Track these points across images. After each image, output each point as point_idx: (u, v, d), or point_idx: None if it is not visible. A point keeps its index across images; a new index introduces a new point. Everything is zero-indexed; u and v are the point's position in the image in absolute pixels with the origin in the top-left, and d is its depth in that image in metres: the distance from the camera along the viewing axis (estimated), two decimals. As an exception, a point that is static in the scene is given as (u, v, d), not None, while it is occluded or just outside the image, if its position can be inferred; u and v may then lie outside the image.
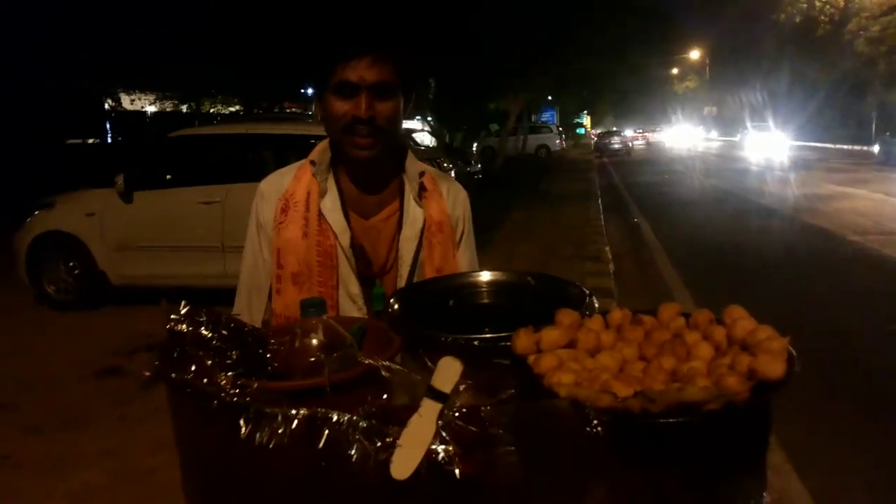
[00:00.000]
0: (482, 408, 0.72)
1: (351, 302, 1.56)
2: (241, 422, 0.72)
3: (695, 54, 53.70)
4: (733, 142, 43.89)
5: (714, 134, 59.84)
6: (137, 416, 4.23)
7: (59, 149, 17.32)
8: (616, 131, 51.26)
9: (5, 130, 15.10)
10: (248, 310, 1.62)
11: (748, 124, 36.15)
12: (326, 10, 11.06)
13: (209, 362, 0.86)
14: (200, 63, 14.93)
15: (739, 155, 32.52)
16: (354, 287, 1.55)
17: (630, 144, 45.48)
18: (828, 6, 23.92)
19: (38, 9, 13.16)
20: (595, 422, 0.75)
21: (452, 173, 10.88)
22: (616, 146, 43.64)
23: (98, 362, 5.30)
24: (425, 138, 19.16)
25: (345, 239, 1.54)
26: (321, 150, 1.60)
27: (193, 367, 0.82)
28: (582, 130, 62.71)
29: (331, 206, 1.55)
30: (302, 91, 20.08)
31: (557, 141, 38.59)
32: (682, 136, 60.64)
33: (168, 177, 6.99)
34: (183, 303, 0.93)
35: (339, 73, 1.43)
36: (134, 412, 4.31)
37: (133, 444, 3.90)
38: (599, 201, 15.38)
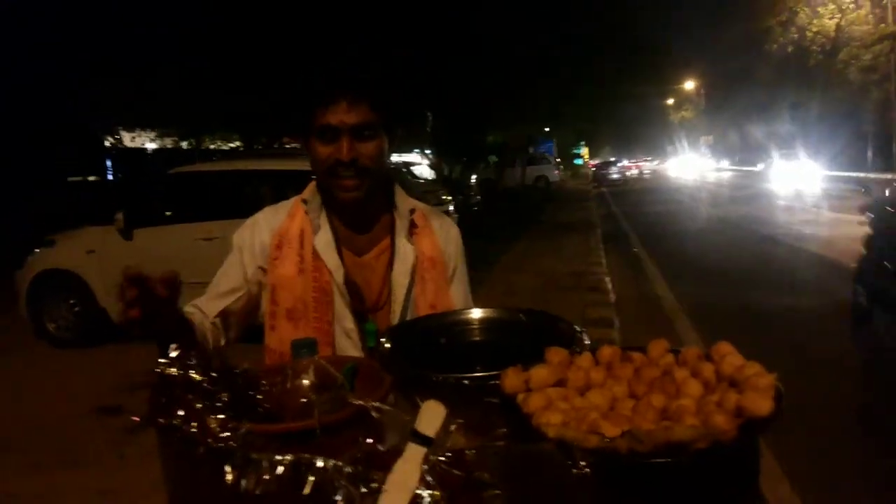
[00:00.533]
0: (467, 451, 0.72)
1: (346, 337, 1.57)
2: (228, 468, 0.72)
3: (689, 84, 54.23)
4: (751, 172, 41.78)
5: (725, 163, 57.26)
6: (135, 456, 4.19)
7: (60, 186, 17.42)
8: (614, 161, 51.56)
9: (7, 168, 15.21)
10: (202, 306, 1.67)
11: (773, 153, 34.09)
12: (303, 57, 11.20)
13: (199, 406, 0.86)
14: (200, 100, 15.08)
15: (767, 188, 28.54)
16: (349, 322, 1.56)
17: (626, 175, 45.71)
18: (819, 36, 24.21)
19: (40, 42, 13.31)
20: (583, 463, 0.75)
21: (451, 206, 10.94)
22: (614, 176, 43.86)
23: (97, 400, 5.27)
24: (424, 171, 19.27)
25: (339, 275, 1.55)
26: (312, 190, 1.62)
27: (182, 412, 0.82)
28: (580, 161, 63.01)
29: (324, 243, 1.57)
30: (301, 126, 20.21)
31: (556, 172, 38.75)
32: (686, 165, 60.24)
33: (168, 213, 7.03)
34: (173, 346, 0.94)
35: (319, 118, 1.46)
36: (132, 451, 4.26)
37: (130, 483, 3.85)
38: (599, 231, 15.41)
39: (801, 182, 27.86)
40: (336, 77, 1.50)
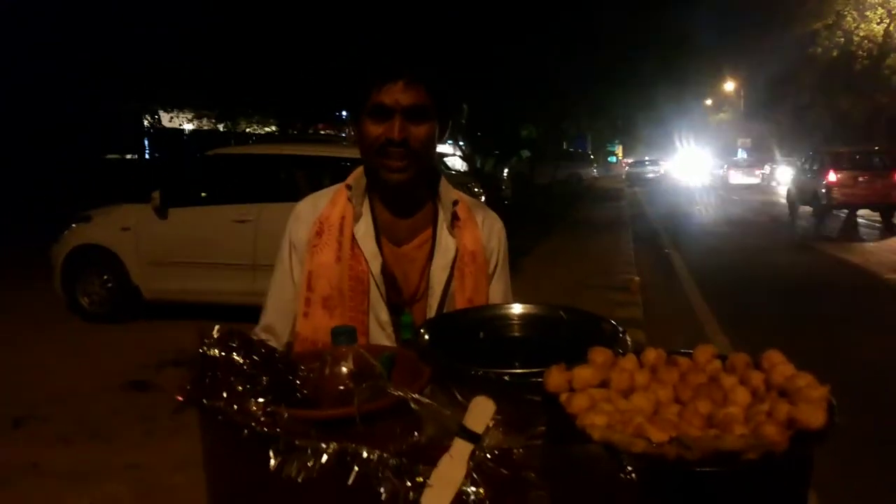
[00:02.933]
0: (514, 450, 0.71)
1: (380, 329, 1.55)
2: (271, 453, 0.71)
3: (729, 86, 53.37)
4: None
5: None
6: (163, 432, 4.25)
7: (98, 163, 17.71)
8: (648, 160, 50.97)
9: (48, 146, 15.49)
10: (273, 330, 1.62)
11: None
12: (362, 36, 11.23)
13: (240, 388, 0.86)
14: (237, 83, 15.22)
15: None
16: (384, 314, 1.55)
17: (660, 174, 45.16)
18: (866, 41, 23.64)
19: (82, 23, 13.51)
20: (629, 468, 0.73)
21: (482, 199, 10.90)
22: (648, 175, 43.38)
23: (127, 376, 5.35)
24: (457, 163, 19.22)
25: (376, 265, 1.54)
26: (357, 176, 1.60)
27: (225, 394, 0.82)
28: (614, 159, 62.48)
29: (364, 231, 1.55)
30: (336, 113, 20.34)
31: (592, 169, 38.49)
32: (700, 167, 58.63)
33: (203, 194, 7.10)
34: (216, 327, 0.93)
35: (374, 97, 1.45)
36: (159, 427, 4.34)
37: (157, 459, 3.92)
38: (629, 230, 15.27)
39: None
40: (396, 57, 1.49)
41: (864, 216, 16.83)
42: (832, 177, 15.98)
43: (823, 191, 16.17)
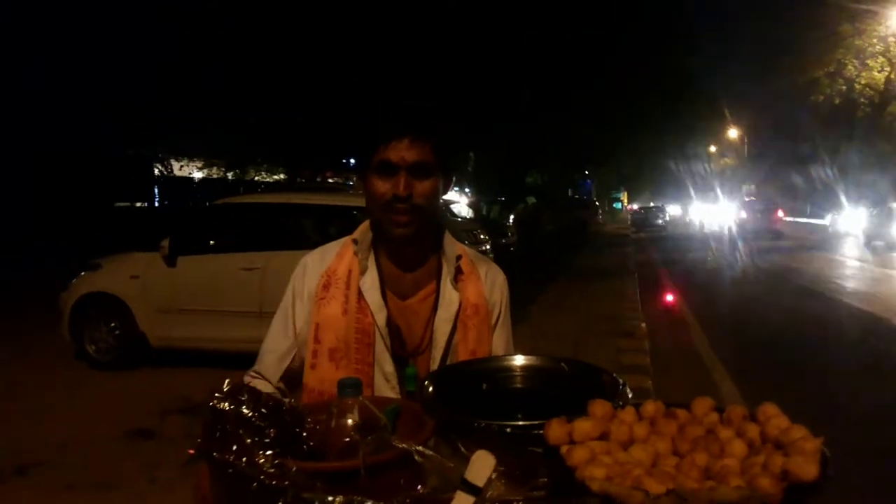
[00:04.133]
0: (515, 502, 0.73)
1: (385, 381, 1.57)
2: (279, 505, 0.74)
3: (733, 133, 53.87)
4: (793, 222, 40.37)
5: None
6: (167, 480, 4.23)
7: (108, 211, 17.90)
8: (653, 207, 51.14)
9: (58, 194, 15.69)
10: (264, 375, 1.63)
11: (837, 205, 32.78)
12: (369, 94, 11.44)
13: (248, 441, 0.88)
14: (247, 133, 15.45)
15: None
16: (389, 366, 1.57)
17: (665, 220, 45.20)
18: (867, 88, 23.95)
19: (95, 70, 13.77)
20: (626, 520, 0.75)
21: (488, 246, 10.96)
22: (654, 221, 43.49)
23: (132, 423, 5.33)
24: (462, 209, 19.37)
25: (381, 318, 1.56)
26: (363, 230, 1.64)
27: (234, 447, 0.84)
28: (619, 205, 62.76)
29: (370, 284, 1.58)
30: (343, 161, 20.58)
31: (598, 214, 38.64)
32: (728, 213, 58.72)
33: (211, 242, 7.17)
34: (227, 381, 0.96)
35: (380, 154, 1.50)
36: (164, 475, 4.32)
37: (161, 508, 3.90)
38: (636, 276, 15.27)
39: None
40: (402, 116, 1.54)
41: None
42: None
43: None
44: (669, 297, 12.63)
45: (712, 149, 59.58)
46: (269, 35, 12.81)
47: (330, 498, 0.73)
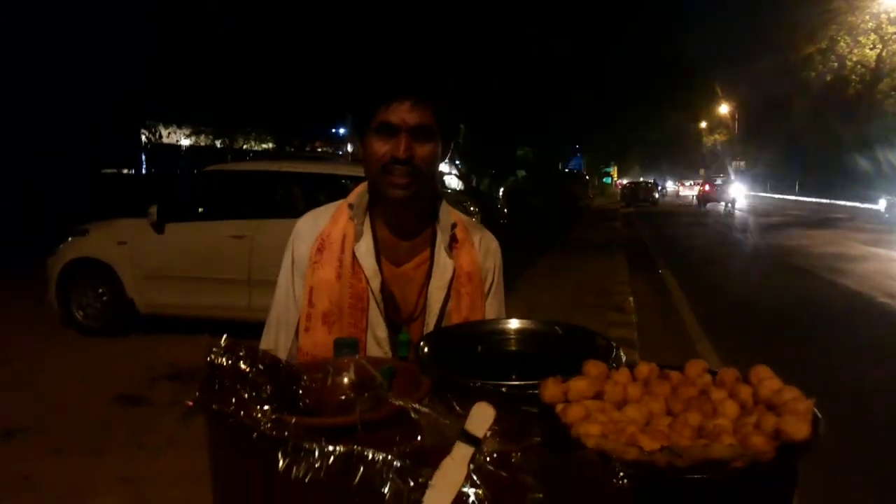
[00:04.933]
0: (513, 454, 0.74)
1: (377, 346, 1.58)
2: (279, 455, 0.74)
3: (724, 109, 53.86)
4: (782, 200, 40.49)
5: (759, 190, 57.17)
6: (155, 446, 4.25)
7: (95, 177, 17.73)
8: (643, 182, 51.23)
9: (45, 159, 15.51)
10: (276, 345, 1.64)
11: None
12: (371, 56, 11.34)
13: (246, 395, 0.89)
14: (236, 100, 15.30)
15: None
16: (382, 332, 1.58)
17: (655, 196, 45.29)
18: (859, 66, 23.97)
19: (85, 37, 13.58)
20: (621, 474, 0.76)
21: (478, 218, 10.96)
22: (644, 196, 43.60)
23: (120, 389, 5.35)
24: (452, 182, 19.32)
25: (375, 283, 1.57)
26: (359, 194, 1.64)
27: (233, 401, 0.85)
28: (609, 180, 62.80)
29: (364, 250, 1.58)
30: (333, 131, 20.45)
31: (584, 189, 38.67)
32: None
33: (199, 210, 7.13)
34: (224, 336, 0.96)
35: (380, 116, 1.49)
36: (152, 441, 4.33)
37: (151, 473, 3.91)
38: (624, 251, 15.33)
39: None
40: (405, 78, 1.53)
41: None
42: None
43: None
44: (659, 271, 12.73)
45: (703, 124, 59.58)
46: (260, 1, 12.65)
47: (330, 448, 0.73)
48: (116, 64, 13.98)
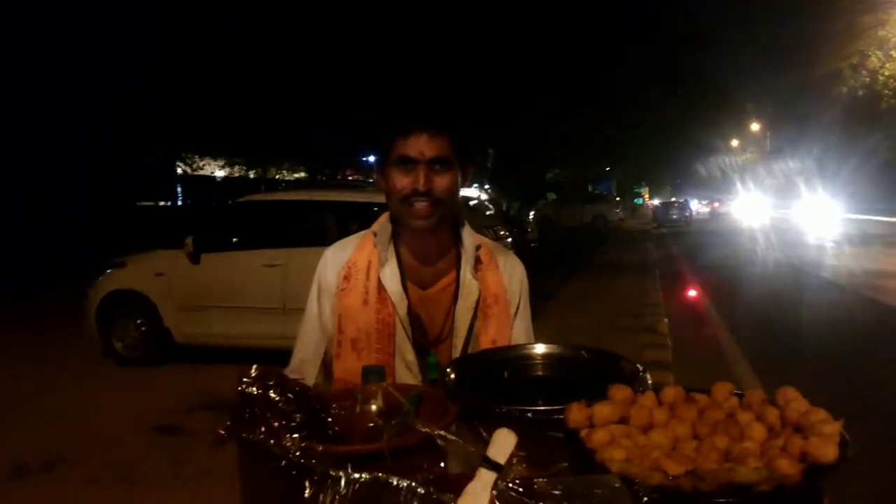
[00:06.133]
0: (535, 480, 0.74)
1: (406, 370, 1.60)
2: (307, 483, 0.76)
3: (755, 126, 53.34)
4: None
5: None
6: (192, 475, 4.29)
7: (132, 210, 18.09)
8: (675, 201, 50.76)
9: (86, 193, 15.86)
10: (301, 372, 1.66)
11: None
12: (388, 89, 11.48)
13: (276, 424, 0.91)
14: (268, 131, 15.56)
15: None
16: (410, 355, 1.60)
17: (689, 215, 44.78)
18: (891, 80, 23.58)
19: (120, 69, 13.87)
20: (645, 499, 0.76)
21: (509, 241, 10.96)
22: (675, 216, 43.16)
23: (157, 419, 5.41)
24: (484, 205, 19.38)
25: (402, 308, 1.59)
26: (382, 222, 1.67)
27: (262, 428, 0.87)
28: (640, 200, 62.38)
29: (390, 275, 1.61)
30: (364, 159, 20.67)
31: (615, 211, 38.49)
32: (752, 207, 58.49)
33: (234, 240, 7.25)
34: (255, 366, 0.99)
35: (399, 148, 1.52)
36: (189, 471, 4.37)
37: (186, 501, 3.95)
38: (657, 272, 15.17)
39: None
40: (421, 111, 1.57)
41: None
42: None
43: None
44: (692, 293, 12.55)
45: (734, 143, 59.02)
46: (287, 34, 12.90)
47: (356, 475, 0.75)
48: (149, 96, 14.27)
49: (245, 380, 0.95)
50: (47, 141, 14.85)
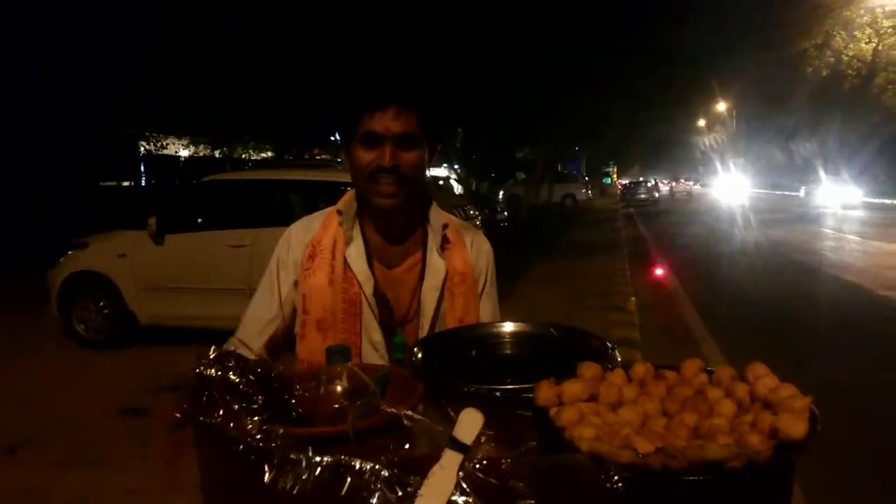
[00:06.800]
0: (503, 460, 0.72)
1: (373, 349, 1.58)
2: (266, 467, 0.73)
3: (721, 106, 53.84)
4: (788, 196, 40.67)
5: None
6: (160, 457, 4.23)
7: (94, 190, 17.73)
8: (643, 181, 51.20)
9: (45, 172, 15.52)
10: (245, 344, 1.63)
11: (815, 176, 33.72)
12: (353, 64, 11.34)
13: (236, 406, 0.88)
14: (233, 110, 15.31)
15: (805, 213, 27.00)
16: (377, 335, 1.57)
17: (655, 195, 45.25)
18: (854, 60, 23.90)
19: (81, 47, 13.57)
20: (615, 477, 0.75)
21: (478, 221, 10.96)
22: (642, 196, 43.57)
23: (122, 401, 5.34)
24: (452, 185, 19.33)
25: (368, 287, 1.56)
26: (347, 200, 1.64)
27: (221, 412, 0.84)
28: (608, 180, 62.80)
29: (356, 254, 1.58)
30: (332, 138, 20.48)
31: (583, 190, 38.70)
32: (717, 187, 59.36)
33: (199, 220, 7.13)
34: (212, 347, 0.95)
35: (364, 124, 1.49)
36: (156, 453, 4.32)
37: (155, 484, 3.90)
38: (625, 251, 15.31)
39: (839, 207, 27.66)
40: (386, 85, 1.53)
41: None
42: None
43: None
44: (659, 272, 12.70)
45: (701, 122, 59.57)
46: (252, 11, 12.65)
47: (318, 458, 0.72)
48: (115, 66, 13.97)
49: (203, 361, 0.91)
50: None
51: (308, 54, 12.57)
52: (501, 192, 26.56)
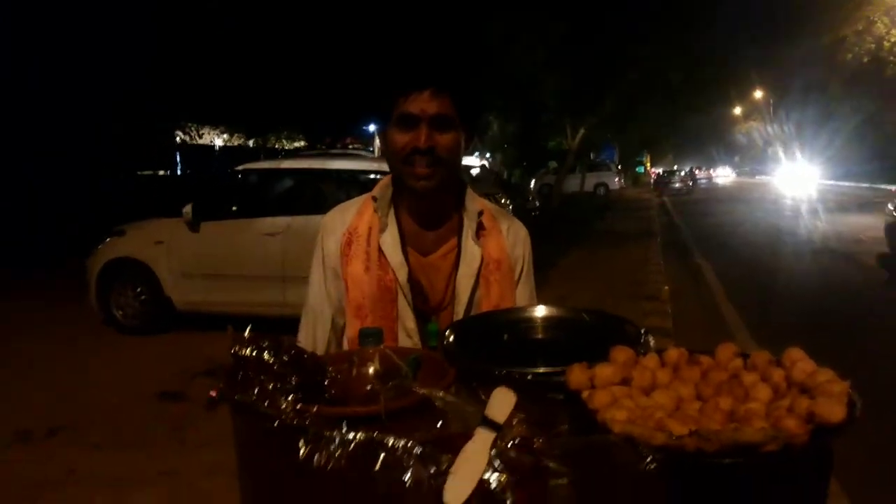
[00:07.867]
0: (536, 440, 0.72)
1: (407, 336, 1.58)
2: (301, 443, 0.74)
3: (758, 94, 52.82)
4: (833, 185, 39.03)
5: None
6: (195, 441, 4.31)
7: (131, 179, 18.01)
8: (677, 170, 50.56)
9: (84, 162, 15.78)
10: (314, 339, 1.64)
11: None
12: (390, 47, 11.34)
13: (270, 386, 0.89)
14: (267, 100, 15.43)
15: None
16: (411, 322, 1.57)
17: (689, 184, 44.63)
18: (897, 46, 23.27)
19: (118, 40, 13.73)
20: (649, 458, 0.74)
21: (510, 209, 10.92)
22: (676, 185, 43.02)
23: (159, 386, 5.44)
24: (488, 173, 19.28)
25: (402, 274, 1.56)
26: (383, 186, 1.64)
27: (256, 390, 0.85)
28: (641, 169, 62.08)
29: (390, 241, 1.58)
30: (364, 128, 20.54)
31: (616, 179, 38.33)
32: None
33: (234, 208, 7.21)
34: (248, 329, 0.97)
35: (400, 106, 1.49)
36: (192, 436, 4.40)
37: (190, 466, 3.98)
38: (658, 240, 15.15)
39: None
40: (423, 67, 1.53)
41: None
42: None
43: None
44: (693, 261, 12.55)
45: (737, 111, 58.52)
46: (286, 1, 12.73)
47: (351, 435, 0.73)
48: (148, 66, 14.14)
49: (238, 342, 0.93)
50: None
51: (343, 43, 12.62)
52: (533, 182, 26.43)
